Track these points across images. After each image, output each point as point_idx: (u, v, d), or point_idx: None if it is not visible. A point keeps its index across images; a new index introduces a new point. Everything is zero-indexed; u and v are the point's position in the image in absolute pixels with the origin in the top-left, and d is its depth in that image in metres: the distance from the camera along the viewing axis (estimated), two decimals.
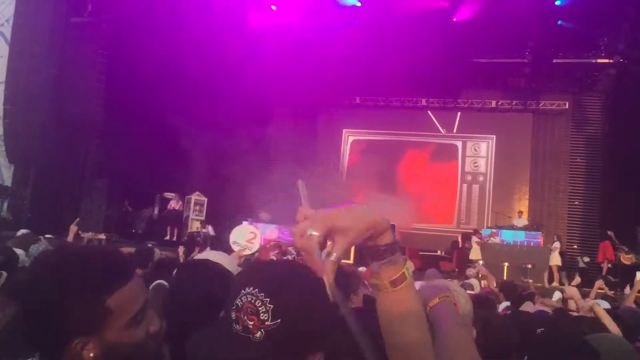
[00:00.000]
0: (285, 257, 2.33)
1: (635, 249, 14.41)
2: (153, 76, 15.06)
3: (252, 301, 0.98)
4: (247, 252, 7.14)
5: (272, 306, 0.97)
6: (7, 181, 14.56)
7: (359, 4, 16.89)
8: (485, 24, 16.20)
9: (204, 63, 15.81)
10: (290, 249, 2.29)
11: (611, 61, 16.75)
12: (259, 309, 0.97)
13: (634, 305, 6.11)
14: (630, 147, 15.72)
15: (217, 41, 15.90)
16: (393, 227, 1.08)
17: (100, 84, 15.31)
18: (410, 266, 1.08)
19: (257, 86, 17.15)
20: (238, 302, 1.00)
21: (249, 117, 17.13)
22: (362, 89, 19.10)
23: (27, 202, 14.15)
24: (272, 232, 14.68)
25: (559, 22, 16.15)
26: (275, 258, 2.36)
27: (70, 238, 7.53)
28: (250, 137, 17.13)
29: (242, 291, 1.00)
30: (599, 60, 17.12)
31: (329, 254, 0.96)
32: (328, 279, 0.94)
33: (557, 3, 15.89)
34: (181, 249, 8.05)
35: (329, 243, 0.97)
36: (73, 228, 7.34)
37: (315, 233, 0.95)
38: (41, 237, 7.80)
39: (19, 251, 5.07)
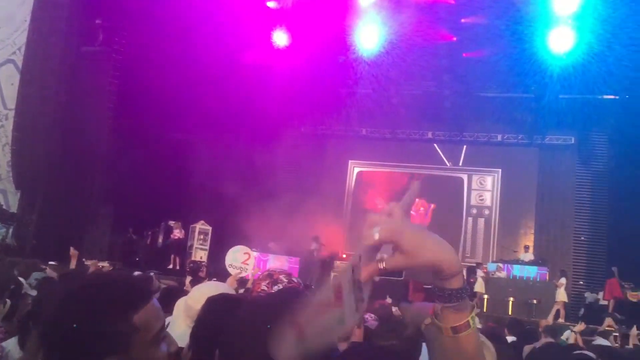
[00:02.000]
0: (276, 286, 2.30)
1: None
2: (161, 105, 15.24)
3: None
4: (244, 273, 7.09)
5: None
6: (14, 207, 14.64)
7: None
8: (492, 58, 16.37)
9: (213, 92, 15.97)
10: (281, 277, 2.25)
11: (617, 97, 16.81)
12: None
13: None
14: (636, 183, 15.70)
15: (226, 70, 16.09)
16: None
17: (109, 112, 15.48)
18: (475, 315, 1.02)
19: (265, 116, 17.29)
20: None
21: (256, 147, 17.23)
22: (370, 120, 19.22)
23: (32, 229, 14.19)
24: (282, 263, 14.72)
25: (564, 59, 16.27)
26: (266, 288, 2.34)
27: (72, 264, 7.53)
28: (256, 166, 17.23)
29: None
30: (605, 97, 17.18)
31: (380, 260, 0.92)
32: (364, 278, 0.90)
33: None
34: (188, 279, 8.06)
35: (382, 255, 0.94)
36: (73, 253, 7.35)
37: (376, 236, 0.91)
38: (45, 265, 7.79)
39: (21, 279, 5.09)
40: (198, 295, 2.50)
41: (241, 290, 5.65)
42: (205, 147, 16.27)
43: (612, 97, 17.03)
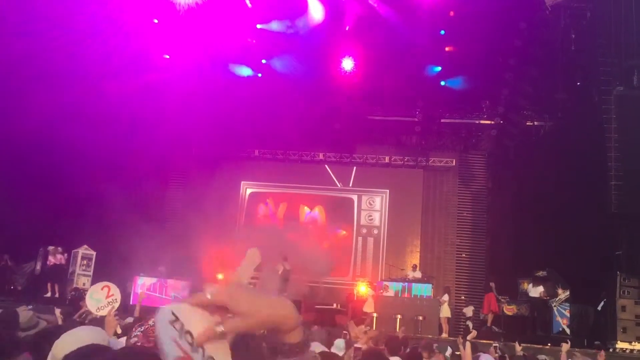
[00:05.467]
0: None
1: (516, 299, 15.28)
2: (39, 124, 14.40)
3: None
4: (116, 305, 6.63)
5: None
6: None
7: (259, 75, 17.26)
8: (378, 83, 17.03)
9: (97, 111, 15.35)
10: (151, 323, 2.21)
11: (492, 122, 18.04)
12: None
13: None
14: (510, 202, 16.87)
15: (113, 90, 15.53)
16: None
17: None
18: None
19: (153, 139, 16.83)
20: None
21: (144, 170, 16.75)
22: (261, 142, 19.30)
23: None
24: (183, 288, 14.58)
25: (442, 84, 17.27)
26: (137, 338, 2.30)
27: None
28: (145, 190, 16.73)
29: None
30: (482, 121, 18.38)
31: (218, 323, 0.90)
32: (199, 340, 0.88)
33: (435, 69, 17.08)
34: (57, 311, 7.45)
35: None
36: None
37: (209, 296, 0.90)
38: None
39: None
40: (64, 344, 2.29)
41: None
42: (90, 169, 15.58)
43: (488, 122, 18.19)
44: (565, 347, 6.88)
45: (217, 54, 16.48)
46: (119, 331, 4.83)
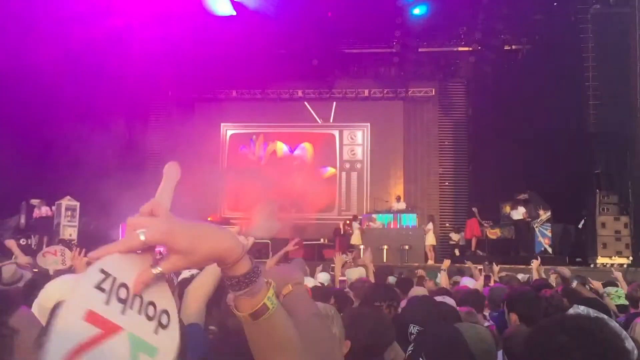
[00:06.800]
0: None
1: (499, 223, 15.60)
2: (12, 73, 14.06)
3: None
4: (66, 252, 6.39)
5: None
6: None
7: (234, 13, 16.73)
8: (354, 15, 16.68)
9: (69, 58, 14.97)
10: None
11: (470, 49, 17.86)
12: None
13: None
14: (490, 128, 16.94)
15: (82, 40, 15.10)
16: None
17: None
18: (273, 294, 0.95)
19: (129, 84, 16.55)
20: None
21: (122, 116, 16.54)
22: (238, 82, 19.00)
23: None
24: None
25: (415, 14, 16.91)
26: None
27: None
28: (124, 136, 16.55)
29: None
30: (460, 49, 18.18)
31: (152, 265, 0.83)
32: (136, 289, 0.80)
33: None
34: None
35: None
36: None
37: (142, 237, 0.81)
38: None
39: None
40: (50, 292, 2.25)
41: None
42: (66, 119, 15.34)
43: (465, 48, 18.01)
44: (536, 263, 7.04)
45: None
46: None
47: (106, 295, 0.77)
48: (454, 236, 16.43)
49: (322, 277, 6.86)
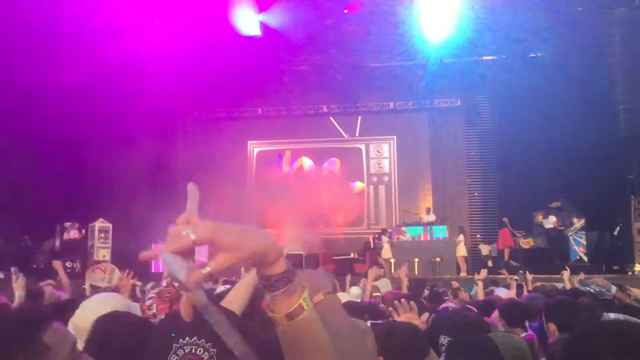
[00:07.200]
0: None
1: (532, 232, 15.36)
2: (43, 100, 14.39)
3: (194, 351, 0.97)
4: (115, 271, 6.47)
5: (215, 350, 0.96)
6: None
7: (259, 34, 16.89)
8: (377, 29, 16.73)
9: (103, 81, 15.29)
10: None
11: (495, 58, 17.72)
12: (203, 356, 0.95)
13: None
14: (517, 137, 16.74)
15: (112, 61, 15.40)
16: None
17: None
18: (307, 296, 0.98)
19: (158, 105, 16.78)
20: (174, 357, 0.97)
21: (151, 137, 16.74)
22: (264, 99, 19.19)
23: None
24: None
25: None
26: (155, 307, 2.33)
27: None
28: (153, 157, 16.76)
29: (176, 344, 0.99)
30: (485, 58, 18.04)
31: (203, 265, 0.86)
32: (189, 289, 0.84)
33: None
34: (87, 283, 7.56)
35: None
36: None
37: (193, 236, 0.85)
38: None
39: None
40: (85, 312, 2.31)
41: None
42: (97, 143, 15.65)
43: (489, 57, 17.88)
44: (566, 274, 6.93)
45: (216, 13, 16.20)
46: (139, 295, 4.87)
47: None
48: (484, 248, 16.21)
49: (355, 292, 6.81)
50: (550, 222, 14.26)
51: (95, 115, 15.69)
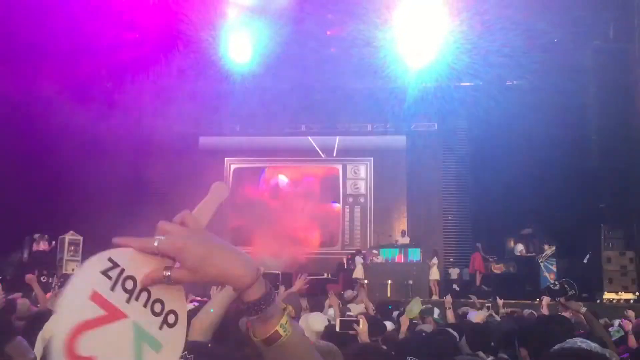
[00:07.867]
0: None
1: (504, 258, 15.49)
2: (14, 111, 14.21)
3: None
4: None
5: None
6: None
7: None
8: (358, 52, 16.86)
9: (74, 93, 15.13)
10: None
11: (472, 84, 17.98)
12: None
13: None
14: (494, 162, 16.95)
15: (90, 74, 15.29)
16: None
17: None
18: (287, 321, 0.94)
19: (134, 119, 16.68)
20: None
21: (126, 151, 16.61)
22: (243, 117, 19.15)
23: None
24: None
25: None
26: None
27: None
28: (127, 171, 16.61)
29: None
30: (462, 84, 18.29)
31: (166, 268, 0.83)
32: (143, 283, 0.82)
33: None
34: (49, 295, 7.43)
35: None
36: None
37: (156, 244, 0.82)
38: None
39: None
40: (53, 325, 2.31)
41: None
42: (69, 155, 15.44)
43: (467, 83, 18.13)
44: (546, 299, 7.00)
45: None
46: None
47: (112, 282, 0.79)
48: (453, 272, 16.29)
49: (331, 313, 6.77)
50: (518, 249, 14.43)
51: (68, 126, 15.49)
